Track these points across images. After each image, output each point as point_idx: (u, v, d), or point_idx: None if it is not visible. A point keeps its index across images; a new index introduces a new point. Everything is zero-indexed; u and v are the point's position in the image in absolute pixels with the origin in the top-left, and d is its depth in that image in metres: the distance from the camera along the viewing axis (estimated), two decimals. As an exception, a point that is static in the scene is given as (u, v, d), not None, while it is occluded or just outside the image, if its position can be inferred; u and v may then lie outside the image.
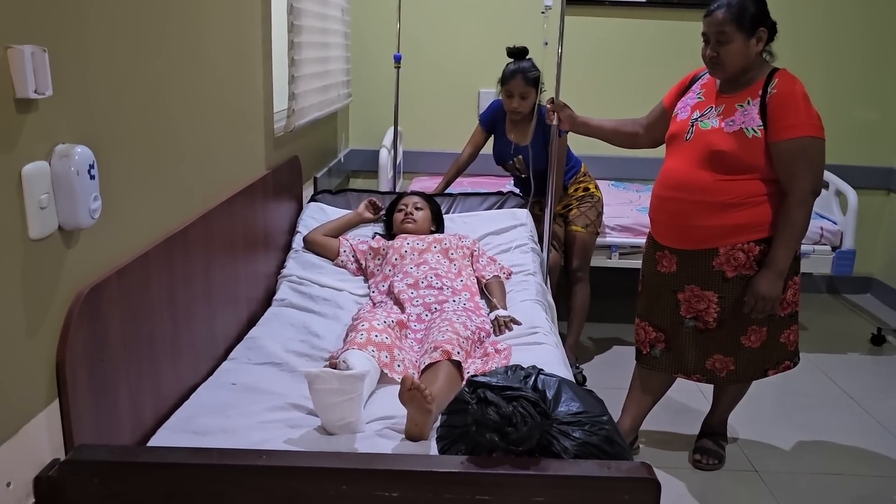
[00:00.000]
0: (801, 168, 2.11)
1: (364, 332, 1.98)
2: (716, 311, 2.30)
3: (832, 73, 4.14)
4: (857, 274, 3.97)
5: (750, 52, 2.16)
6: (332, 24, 3.41)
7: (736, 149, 2.15)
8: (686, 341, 2.39)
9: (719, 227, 2.22)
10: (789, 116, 2.10)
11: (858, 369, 3.43)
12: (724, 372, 2.37)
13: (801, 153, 2.11)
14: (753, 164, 2.16)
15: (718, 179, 2.19)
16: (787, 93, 2.13)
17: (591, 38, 4.11)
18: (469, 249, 2.68)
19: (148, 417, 1.62)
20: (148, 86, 1.62)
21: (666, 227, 2.36)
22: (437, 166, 4.12)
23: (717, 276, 2.27)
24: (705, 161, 2.21)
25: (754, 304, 2.21)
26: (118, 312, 1.46)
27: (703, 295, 2.30)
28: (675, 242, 2.34)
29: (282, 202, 2.75)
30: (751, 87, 2.19)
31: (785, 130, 2.10)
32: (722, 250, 2.24)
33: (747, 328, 2.31)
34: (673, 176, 2.30)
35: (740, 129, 2.15)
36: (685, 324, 2.37)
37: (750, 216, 2.20)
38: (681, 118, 2.33)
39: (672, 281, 2.37)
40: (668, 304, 2.39)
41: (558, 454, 1.30)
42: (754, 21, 2.14)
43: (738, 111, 2.18)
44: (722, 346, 2.34)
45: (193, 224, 1.86)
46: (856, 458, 2.68)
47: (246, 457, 1.27)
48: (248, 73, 2.34)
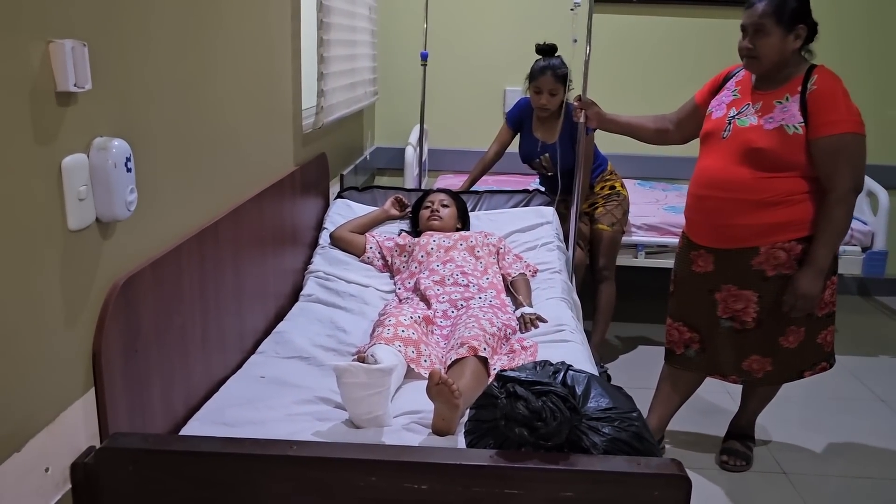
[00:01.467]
0: (841, 165, 2.08)
1: (391, 328, 1.99)
2: (755, 310, 2.26)
3: (865, 71, 4.08)
4: (889, 276, 3.90)
5: (786, 47, 2.13)
6: (359, 22, 3.43)
7: (776, 146, 2.12)
8: (722, 342, 2.35)
9: (759, 225, 2.19)
10: (830, 112, 2.08)
11: (890, 372, 3.38)
12: (761, 373, 2.34)
13: (841, 150, 2.08)
14: (794, 162, 2.13)
15: (758, 177, 2.16)
16: (827, 89, 2.10)
17: (619, 35, 4.09)
18: (495, 247, 2.68)
19: (179, 408, 1.64)
20: (181, 81, 1.65)
21: (703, 226, 2.32)
22: (462, 164, 4.12)
23: (756, 276, 2.23)
24: (744, 158, 2.18)
25: (794, 302, 2.17)
26: (152, 304, 1.48)
27: (741, 294, 2.26)
28: (713, 242, 2.29)
29: (309, 199, 2.77)
30: (789, 84, 2.16)
31: (825, 127, 2.07)
32: (762, 249, 2.20)
33: (786, 328, 2.27)
34: (710, 174, 2.26)
35: (780, 126, 2.13)
36: (721, 324, 2.33)
37: (791, 214, 2.16)
38: (716, 116, 2.30)
39: (708, 281, 2.32)
40: (703, 305, 2.35)
41: (587, 450, 1.30)
42: (794, 16, 2.11)
43: (777, 108, 2.15)
44: (760, 346, 2.30)
45: (224, 218, 1.88)
46: (887, 463, 2.64)
47: (277, 447, 1.28)
48: (277, 70, 2.36)
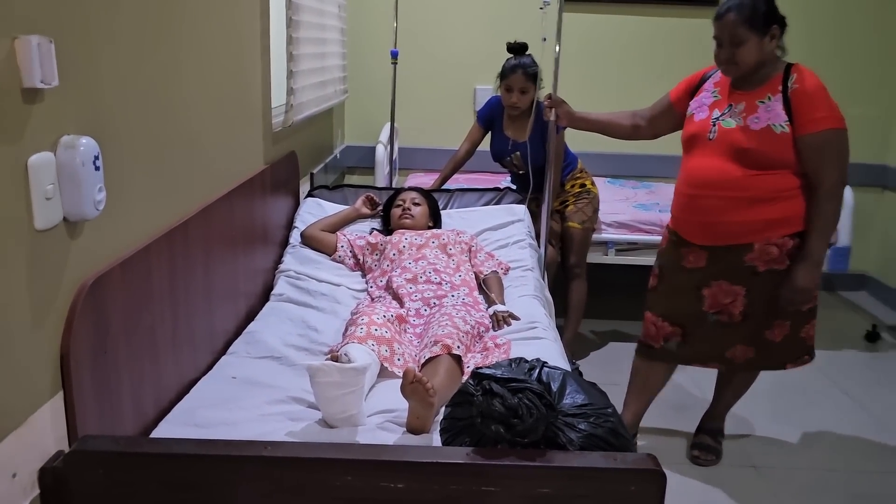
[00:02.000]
0: (828, 160, 2.13)
1: (364, 326, 1.98)
2: (742, 304, 2.29)
3: (827, 70, 4.15)
4: (852, 271, 3.99)
5: (764, 49, 2.18)
6: (329, 20, 3.41)
7: (765, 146, 2.16)
8: (708, 334, 2.37)
9: (753, 222, 2.22)
10: (814, 110, 2.12)
11: (854, 366, 3.45)
12: (742, 359, 2.38)
13: (827, 145, 2.13)
14: (783, 160, 2.16)
15: (749, 175, 2.19)
16: (809, 87, 2.15)
17: (589, 34, 4.11)
18: (467, 245, 2.68)
19: (149, 410, 1.61)
20: (150, 79, 1.62)
21: (696, 224, 2.33)
22: (433, 162, 4.12)
23: (747, 271, 2.26)
24: (734, 158, 2.20)
25: (792, 297, 2.21)
26: (121, 304, 1.45)
27: (731, 289, 2.29)
28: (706, 240, 2.31)
29: (279, 197, 2.74)
30: (769, 83, 2.20)
31: (811, 124, 2.12)
32: (756, 245, 2.23)
33: (773, 322, 2.31)
34: (701, 174, 2.28)
35: (768, 126, 2.16)
36: (708, 318, 2.35)
37: (783, 210, 2.20)
38: (699, 118, 2.32)
39: (699, 276, 2.34)
40: (691, 300, 2.36)
41: (564, 446, 1.30)
42: (766, 20, 2.15)
43: (761, 108, 2.18)
44: (745, 337, 2.34)
45: (194, 217, 1.85)
46: (853, 454, 2.70)
47: (251, 448, 1.27)
48: (247, 68, 2.33)
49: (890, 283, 4.27)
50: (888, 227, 4.30)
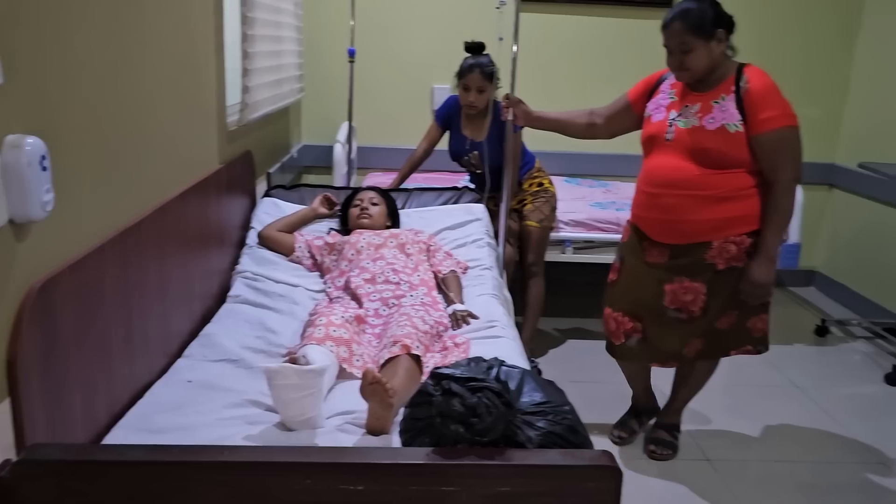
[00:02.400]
0: (783, 157, 2.19)
1: (322, 328, 1.97)
2: (702, 300, 2.34)
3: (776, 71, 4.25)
4: (801, 267, 4.10)
5: (713, 53, 2.22)
6: (284, 18, 3.37)
7: (721, 145, 2.20)
8: (666, 330, 2.41)
9: (712, 220, 2.26)
10: (766, 109, 2.17)
11: (804, 360, 3.55)
12: (693, 352, 2.43)
13: (782, 143, 2.19)
14: (739, 158, 2.21)
15: (707, 174, 2.23)
16: (760, 86, 2.20)
17: (545, 34, 4.14)
18: (425, 244, 2.68)
19: (102, 416, 1.58)
20: (100, 77, 1.58)
21: (656, 222, 2.37)
22: (391, 162, 4.10)
23: (708, 269, 2.31)
24: (692, 158, 2.25)
25: (752, 291, 2.26)
26: (71, 308, 1.42)
27: (692, 286, 2.33)
28: (668, 237, 2.35)
29: (235, 197, 2.70)
30: (723, 84, 2.25)
31: (764, 123, 2.17)
32: (715, 243, 2.28)
33: (723, 313, 2.37)
34: (661, 173, 2.31)
35: (722, 126, 2.20)
36: (667, 314, 2.39)
37: (741, 209, 2.25)
38: (657, 119, 2.36)
39: (661, 271, 2.38)
40: (651, 294, 2.40)
41: (522, 444, 1.31)
42: (712, 25, 2.19)
43: (716, 108, 2.23)
44: (700, 329, 2.39)
45: (147, 219, 1.81)
46: (802, 445, 2.77)
47: (208, 453, 1.25)
48: (200, 66, 2.29)
49: (837, 278, 4.40)
50: (836, 224, 4.43)
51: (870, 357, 3.59)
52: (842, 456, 2.70)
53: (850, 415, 3.00)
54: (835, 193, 4.44)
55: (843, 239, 4.37)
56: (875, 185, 3.99)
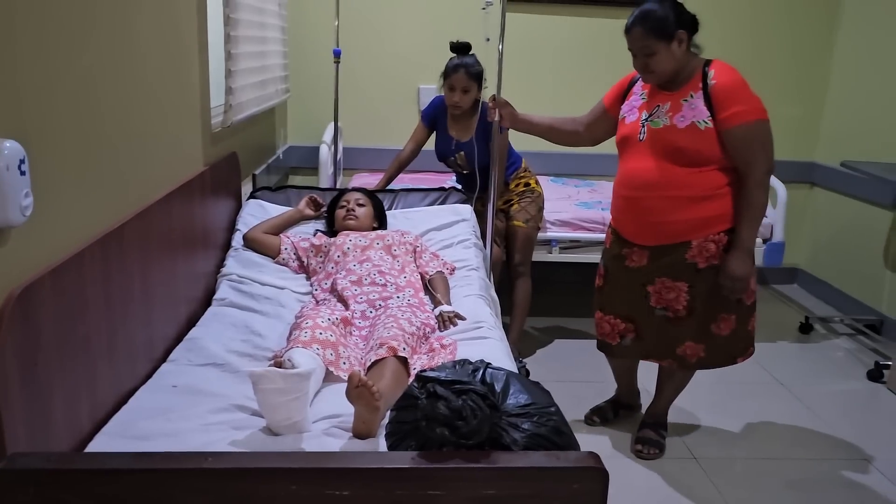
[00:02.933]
0: (755, 151, 2.20)
1: (308, 330, 1.96)
2: (685, 299, 2.36)
3: (756, 70, 4.27)
4: (784, 265, 4.12)
5: (675, 54, 2.24)
6: (269, 18, 3.35)
7: (692, 142, 2.22)
8: (657, 329, 2.44)
9: (691, 220, 2.28)
10: (735, 104, 2.18)
11: (788, 357, 3.57)
12: (694, 358, 2.44)
13: (753, 137, 2.20)
14: (711, 155, 2.23)
15: (683, 173, 2.25)
16: (727, 82, 2.21)
17: (531, 34, 4.15)
18: (412, 245, 2.67)
19: (85, 423, 1.56)
20: (80, 79, 1.56)
21: (635, 225, 2.38)
22: (377, 162, 4.10)
23: (689, 268, 2.33)
24: (666, 158, 2.26)
25: (731, 285, 2.27)
26: (52, 314, 1.40)
27: (674, 286, 2.36)
28: (646, 239, 2.37)
29: (220, 199, 2.69)
30: (690, 82, 2.27)
31: (733, 118, 2.18)
32: (695, 243, 2.30)
33: (717, 315, 2.37)
34: (637, 175, 2.33)
35: (692, 124, 2.22)
36: (655, 313, 2.42)
37: (718, 208, 2.27)
38: (630, 120, 2.38)
39: (643, 275, 2.40)
40: (637, 297, 2.43)
41: (508, 446, 1.31)
42: (672, 27, 2.21)
43: (685, 106, 2.25)
44: (692, 333, 2.40)
45: (129, 222, 1.80)
46: (787, 442, 2.79)
47: (191, 460, 1.24)
48: (183, 67, 2.28)
49: (820, 275, 4.43)
50: (817, 221, 4.47)
51: (852, 354, 3.62)
52: (826, 452, 2.72)
53: (834, 411, 3.03)
54: (816, 191, 4.47)
55: (824, 237, 4.40)
56: (855, 184, 4.02)
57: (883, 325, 3.79)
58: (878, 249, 3.89)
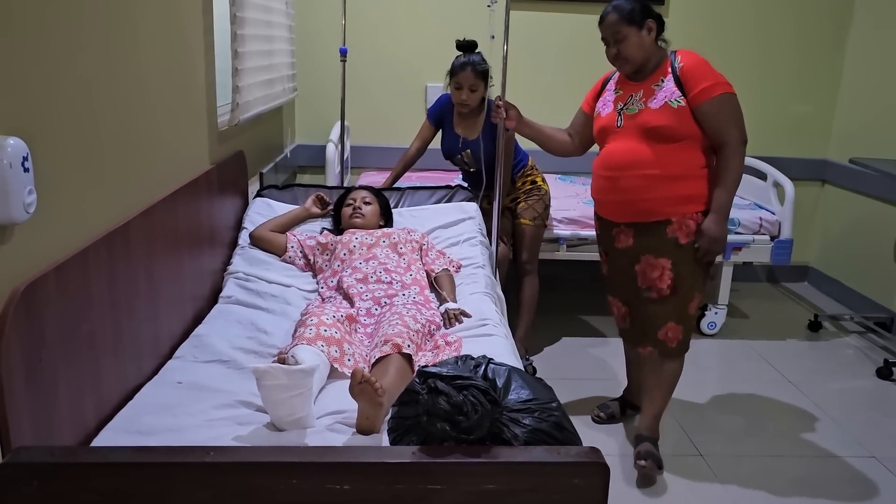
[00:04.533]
0: (726, 122, 2.31)
1: (313, 327, 1.97)
2: (669, 276, 2.40)
3: (767, 69, 4.27)
4: (794, 263, 4.10)
5: (645, 41, 2.36)
6: (276, 17, 3.36)
7: (667, 120, 2.32)
8: (644, 311, 2.48)
9: (669, 197, 2.35)
10: (702, 81, 2.30)
11: (797, 355, 3.55)
12: (674, 341, 2.46)
13: (722, 109, 2.30)
14: (686, 131, 2.33)
15: (660, 152, 2.34)
16: (693, 63, 2.34)
17: (534, 30, 4.14)
18: (418, 243, 2.68)
19: (90, 418, 1.57)
20: (83, 76, 1.58)
21: (618, 204, 2.45)
22: (384, 161, 4.11)
23: (670, 243, 2.38)
24: (643, 138, 2.36)
25: (706, 246, 2.34)
26: (57, 310, 1.41)
27: (657, 262, 2.40)
28: (630, 217, 2.44)
29: (227, 197, 2.70)
30: (659, 69, 2.39)
31: (703, 94, 2.29)
32: (674, 219, 2.37)
33: (693, 293, 2.43)
34: (616, 156, 2.41)
35: (665, 103, 2.33)
36: (642, 294, 2.47)
37: (696, 188, 2.36)
38: (605, 113, 2.48)
39: (631, 254, 2.47)
40: (628, 278, 2.50)
41: (509, 441, 1.31)
42: (641, 15, 2.35)
43: (656, 90, 2.36)
44: (675, 313, 2.44)
45: (134, 220, 1.81)
46: (795, 440, 2.77)
47: (193, 454, 1.25)
48: (189, 65, 2.29)
49: (830, 273, 4.40)
50: (828, 219, 4.44)
51: (861, 352, 3.60)
52: (834, 450, 2.71)
53: (842, 409, 3.01)
54: (827, 189, 4.45)
55: (835, 234, 4.37)
56: (866, 181, 3.99)
57: (893, 323, 3.76)
58: (889, 247, 3.86)
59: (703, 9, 4.07)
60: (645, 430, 2.55)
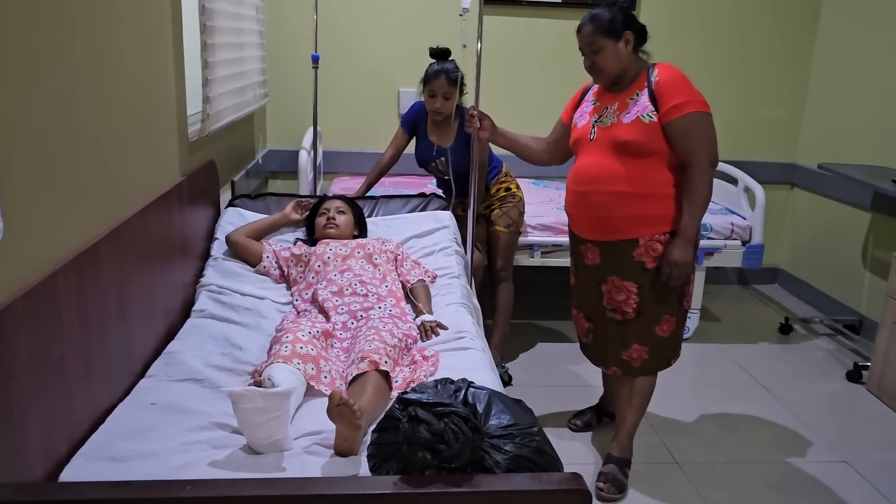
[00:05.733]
0: (696, 141, 2.25)
1: (289, 345, 1.94)
2: (635, 301, 2.38)
3: (739, 73, 4.32)
4: (765, 265, 4.15)
5: (621, 53, 2.31)
6: (246, 24, 3.32)
7: (637, 135, 2.27)
8: (609, 332, 2.47)
9: (638, 217, 2.32)
10: (676, 97, 2.25)
11: (768, 358, 3.60)
12: (639, 361, 2.45)
13: (693, 128, 2.25)
14: (656, 147, 2.28)
15: (630, 169, 2.30)
16: (669, 77, 2.28)
17: (508, 37, 4.14)
18: (393, 254, 2.66)
19: (61, 445, 1.54)
20: (52, 92, 1.53)
21: (587, 220, 2.43)
22: (357, 166, 4.08)
23: (636, 267, 2.36)
24: (615, 153, 2.32)
25: (669, 271, 2.31)
26: (25, 339, 1.38)
27: (623, 286, 2.38)
28: (598, 235, 2.41)
29: (198, 209, 2.66)
30: (636, 82, 2.34)
31: (675, 110, 2.24)
32: (642, 241, 2.34)
33: (661, 317, 2.40)
34: (588, 171, 2.38)
35: (637, 118, 2.29)
36: (607, 314, 2.46)
37: (665, 208, 2.32)
38: (581, 124, 2.45)
39: (597, 273, 2.45)
40: (594, 295, 2.49)
41: (490, 469, 1.31)
42: (620, 27, 2.30)
43: (631, 104, 2.32)
44: (639, 335, 2.42)
45: (105, 239, 1.77)
46: (768, 445, 2.81)
47: (170, 488, 1.22)
48: (159, 77, 2.25)
49: (800, 276, 4.47)
50: (797, 222, 4.50)
51: (832, 354, 3.66)
52: (806, 454, 2.75)
53: (814, 413, 3.06)
54: (796, 192, 4.51)
55: (804, 237, 4.44)
56: (834, 185, 4.06)
57: (862, 326, 3.83)
58: (856, 250, 3.93)
59: (674, 13, 4.10)
60: (615, 450, 2.55)
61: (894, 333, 3.08)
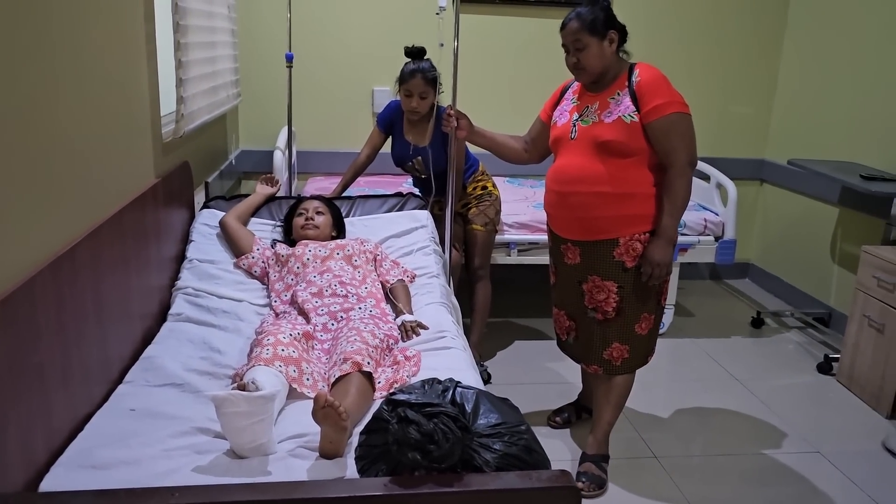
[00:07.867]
0: (675, 142, 2.28)
1: (270, 347, 1.93)
2: (615, 300, 2.40)
3: (708, 70, 4.38)
4: (736, 260, 4.21)
5: (605, 52, 2.33)
6: (219, 23, 3.28)
7: (619, 135, 2.29)
8: (590, 331, 2.49)
9: (618, 217, 2.34)
10: (656, 98, 2.27)
11: (741, 352, 3.66)
12: (619, 360, 2.48)
13: (673, 129, 2.27)
14: (637, 147, 2.30)
15: (611, 169, 2.31)
16: (649, 78, 2.30)
17: (484, 36, 4.15)
18: (372, 254, 2.65)
19: (40, 454, 1.51)
20: (22, 94, 1.50)
21: (568, 220, 2.44)
22: (332, 166, 4.06)
23: (617, 266, 2.38)
24: (595, 153, 2.33)
25: (650, 271, 2.34)
26: (3, 347, 1.34)
27: (604, 285, 2.40)
28: (578, 234, 2.43)
29: (173, 210, 2.62)
30: (616, 82, 2.36)
31: (655, 111, 2.26)
32: (622, 240, 2.35)
33: (640, 315, 2.43)
34: (569, 171, 2.38)
35: (619, 118, 2.30)
36: (588, 314, 2.47)
37: (645, 208, 2.34)
38: (561, 123, 2.45)
39: (577, 272, 2.47)
40: (575, 295, 2.50)
41: (480, 468, 1.31)
42: (603, 25, 2.31)
43: (612, 103, 2.33)
44: (619, 334, 2.45)
45: (80, 244, 1.74)
46: (743, 437, 2.86)
47: (157, 496, 1.20)
48: (132, 77, 2.21)
49: (770, 270, 4.55)
50: (767, 217, 4.58)
51: (802, 347, 3.73)
52: (779, 445, 2.80)
53: (787, 405, 3.11)
54: (766, 188, 4.59)
55: (774, 232, 4.52)
56: (803, 180, 4.13)
57: (831, 318, 3.91)
58: (825, 245, 4.01)
59: (642, 9, 4.14)
60: (591, 447, 2.57)
61: (863, 326, 3.15)
